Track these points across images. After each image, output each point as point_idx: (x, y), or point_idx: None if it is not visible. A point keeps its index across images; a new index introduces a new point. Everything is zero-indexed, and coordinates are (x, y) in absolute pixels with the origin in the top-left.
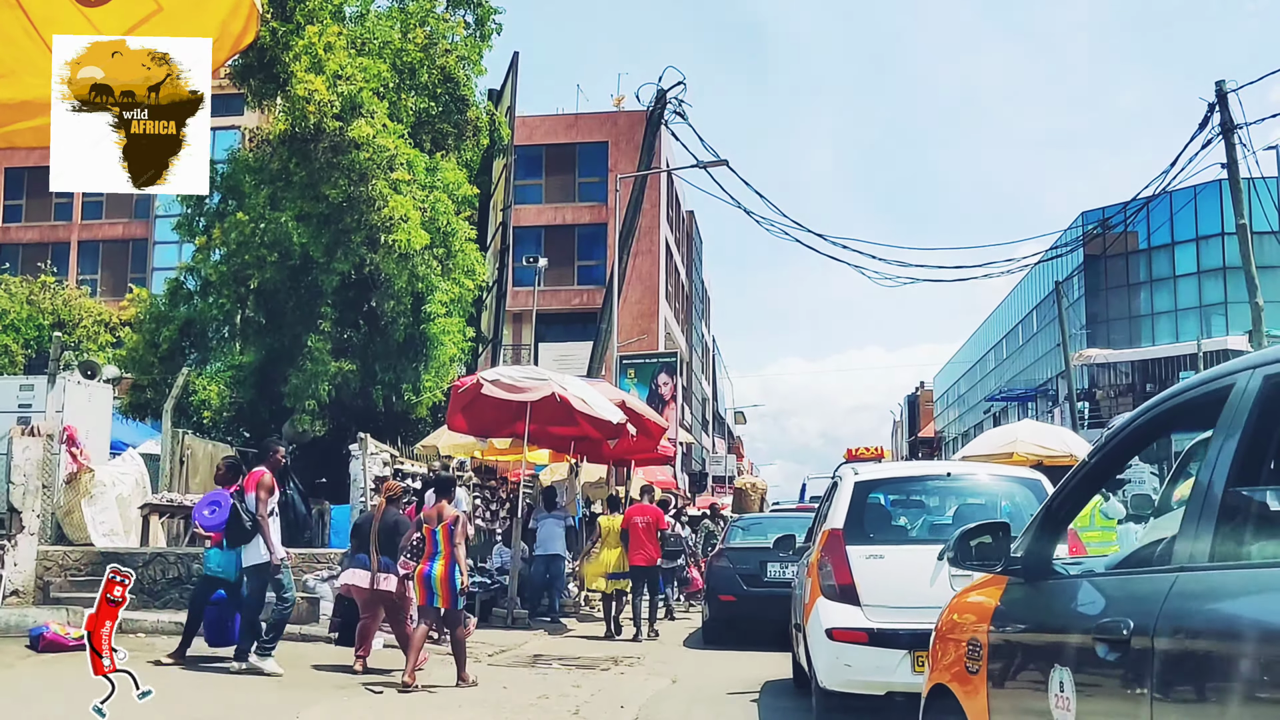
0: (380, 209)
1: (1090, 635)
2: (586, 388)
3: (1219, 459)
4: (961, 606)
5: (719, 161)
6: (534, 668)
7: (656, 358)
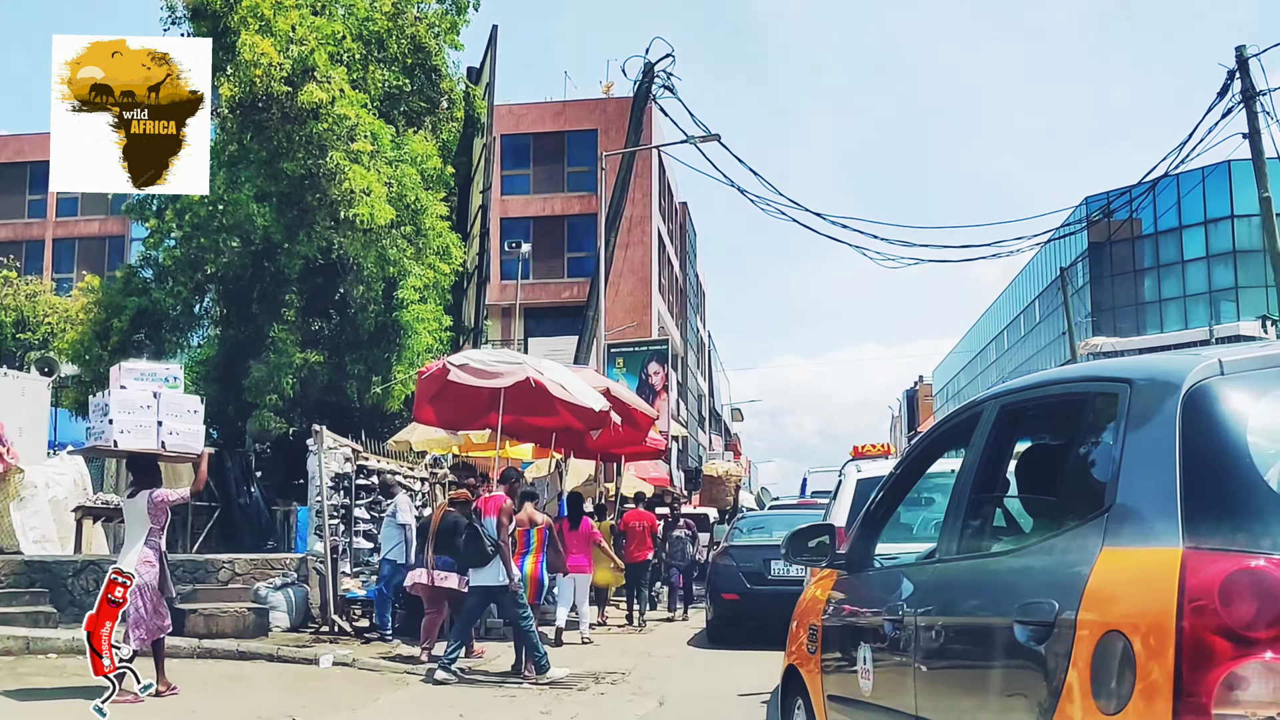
0: (340, 182)
1: (881, 617)
2: (566, 373)
3: (968, 472)
4: (808, 597)
5: (710, 136)
6: (501, 688)
7: (646, 345)
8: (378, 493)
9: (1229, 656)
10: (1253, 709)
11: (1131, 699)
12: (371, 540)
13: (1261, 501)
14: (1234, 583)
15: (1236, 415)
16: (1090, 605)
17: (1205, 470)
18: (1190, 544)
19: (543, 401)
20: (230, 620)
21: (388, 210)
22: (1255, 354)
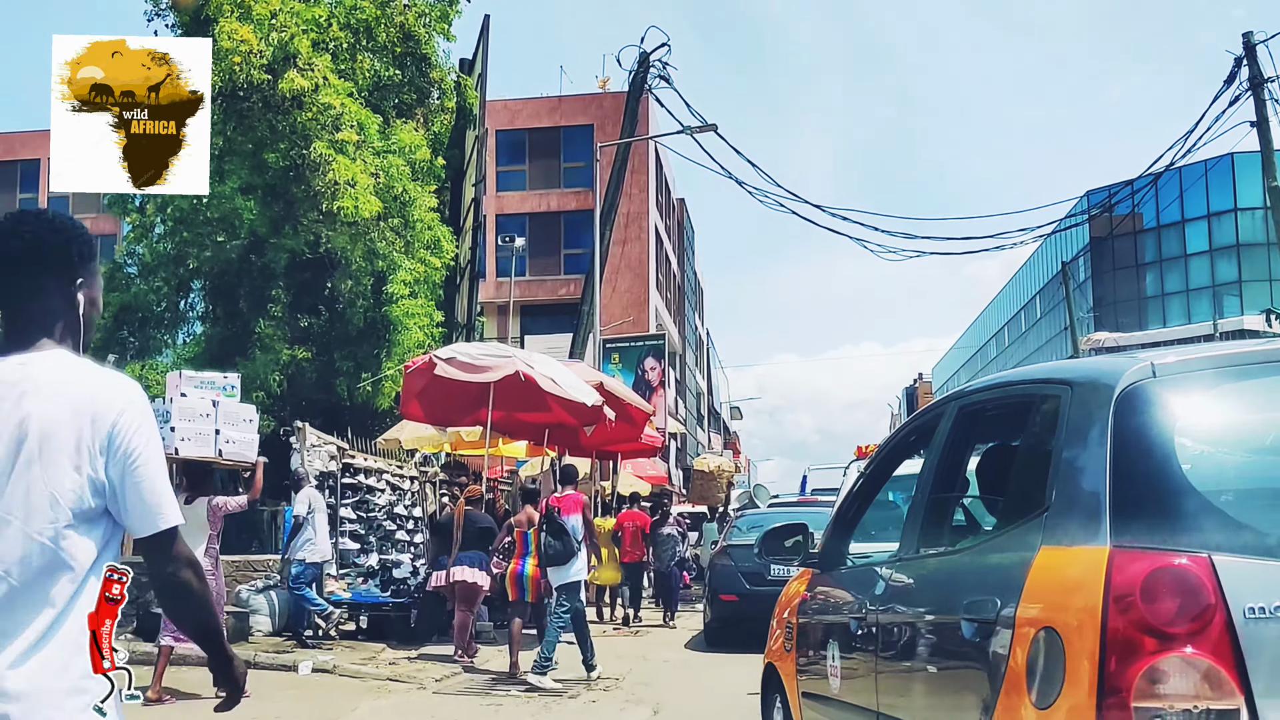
0: (324, 174)
1: (847, 615)
2: (557, 367)
3: (929, 471)
4: (785, 596)
5: (707, 126)
6: (487, 695)
7: (643, 340)
8: (364, 491)
9: (1150, 651)
10: (1171, 701)
11: (1061, 693)
12: (358, 541)
13: (1186, 501)
14: (1156, 580)
15: (1165, 417)
16: (1028, 603)
17: (1133, 470)
18: (1117, 543)
19: (534, 396)
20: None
21: (373, 202)
22: (1188, 356)
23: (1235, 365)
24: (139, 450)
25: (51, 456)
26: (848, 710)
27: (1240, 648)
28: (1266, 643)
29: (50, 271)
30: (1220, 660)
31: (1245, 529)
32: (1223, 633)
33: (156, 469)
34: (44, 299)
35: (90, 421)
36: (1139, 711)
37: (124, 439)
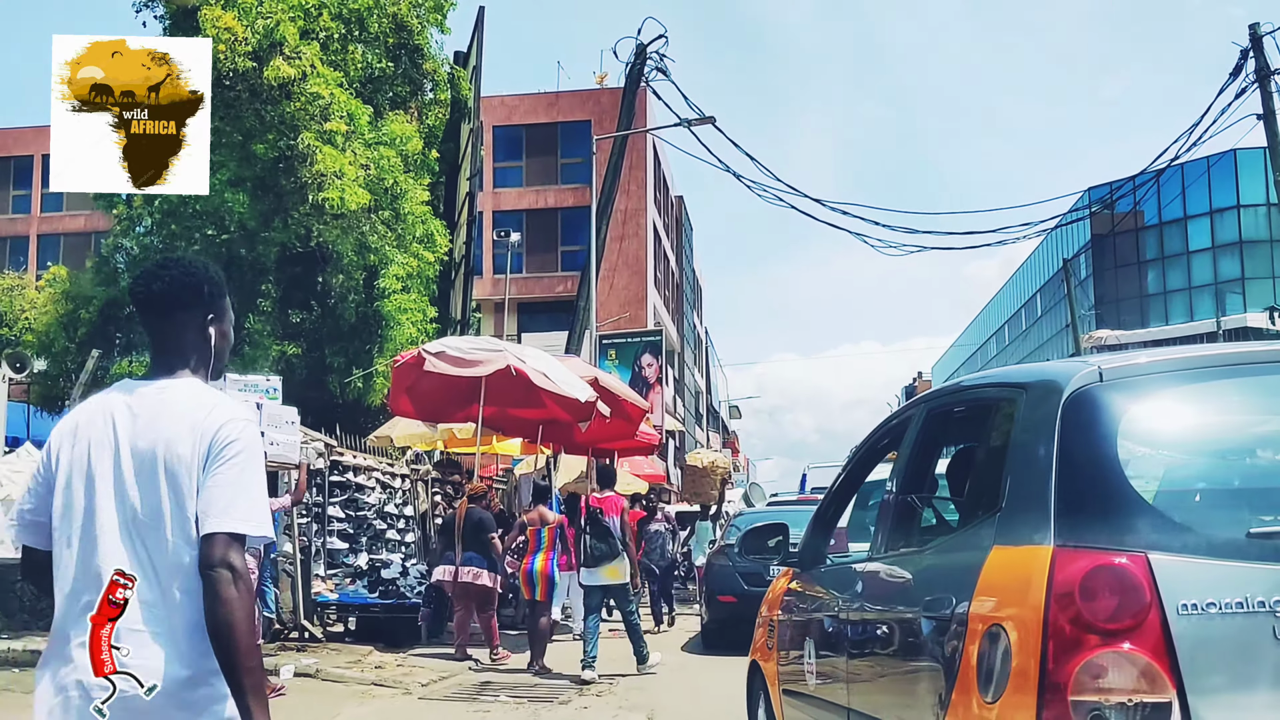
0: (311, 165)
1: (822, 613)
2: (551, 361)
3: (899, 472)
4: (769, 594)
5: (705, 119)
6: (475, 701)
7: (640, 336)
8: (353, 490)
9: (1088, 647)
10: (1107, 695)
11: (1008, 687)
12: (347, 540)
13: (1126, 502)
14: (1095, 579)
15: (1109, 420)
16: (980, 600)
17: (1078, 472)
18: (1060, 542)
19: (526, 392)
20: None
21: (361, 194)
22: (1135, 361)
23: (1180, 370)
24: (224, 460)
25: (177, 470)
26: (823, 707)
27: (1173, 643)
28: (1198, 638)
29: (186, 309)
30: (1154, 656)
31: (1182, 529)
32: (1157, 629)
33: (230, 479)
34: (181, 333)
35: (199, 438)
36: (1076, 705)
37: (217, 452)
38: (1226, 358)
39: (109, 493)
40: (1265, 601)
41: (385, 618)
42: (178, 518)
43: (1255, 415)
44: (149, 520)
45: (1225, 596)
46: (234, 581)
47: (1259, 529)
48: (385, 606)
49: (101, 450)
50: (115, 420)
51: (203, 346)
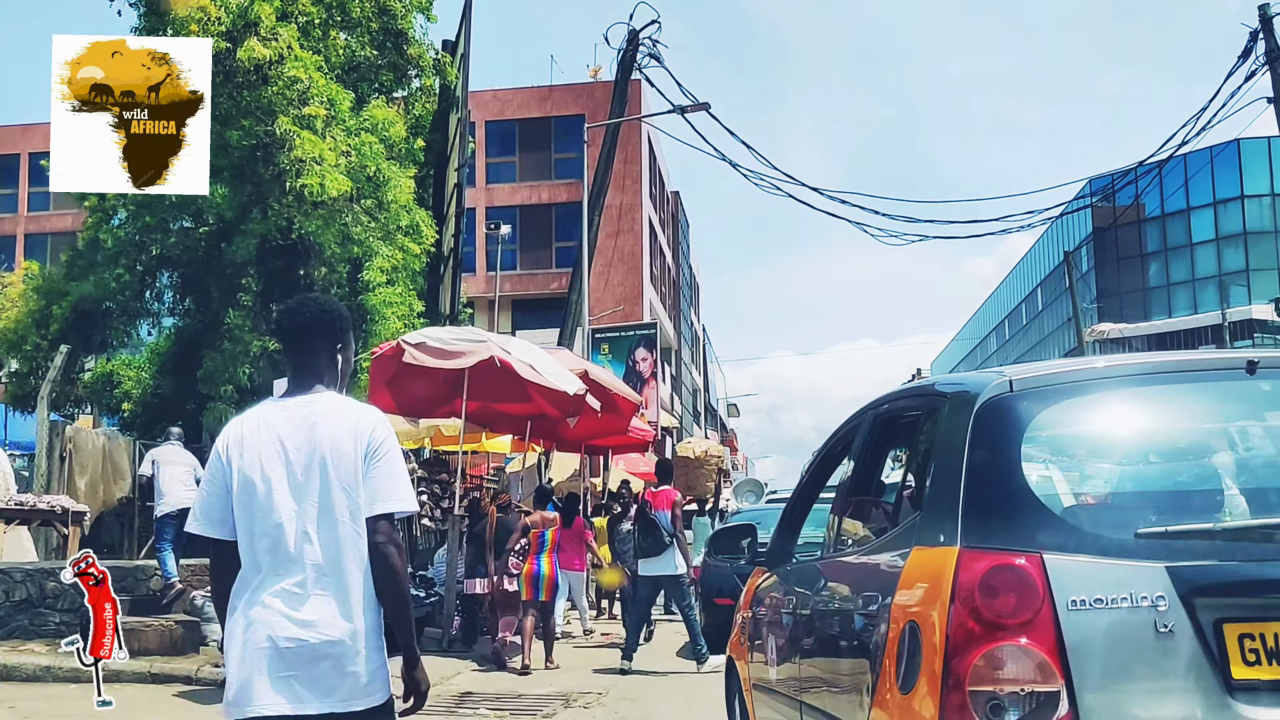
0: (289, 151)
1: (780, 609)
2: (538, 353)
3: (849, 475)
4: (745, 593)
5: (699, 105)
6: (453, 715)
7: (634, 330)
8: None
9: (986, 640)
10: (1002, 685)
11: (917, 679)
12: None
13: (1026, 506)
14: (994, 577)
15: (1015, 429)
16: (900, 597)
17: (984, 477)
18: (965, 543)
19: (512, 385)
20: (155, 636)
21: (341, 181)
22: (1043, 372)
23: (1082, 381)
24: (381, 456)
25: (340, 463)
26: (781, 698)
27: (1063, 637)
28: (1085, 632)
29: (321, 338)
30: (1046, 649)
31: (1076, 531)
32: (1049, 624)
33: (391, 469)
34: (317, 357)
35: (357, 438)
36: (973, 695)
37: (374, 448)
38: (1129, 369)
39: (283, 487)
40: (1148, 597)
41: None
42: (342, 501)
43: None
44: (319, 505)
45: (1112, 593)
46: (399, 552)
47: (1146, 530)
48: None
49: (270, 454)
50: (278, 429)
51: (332, 368)
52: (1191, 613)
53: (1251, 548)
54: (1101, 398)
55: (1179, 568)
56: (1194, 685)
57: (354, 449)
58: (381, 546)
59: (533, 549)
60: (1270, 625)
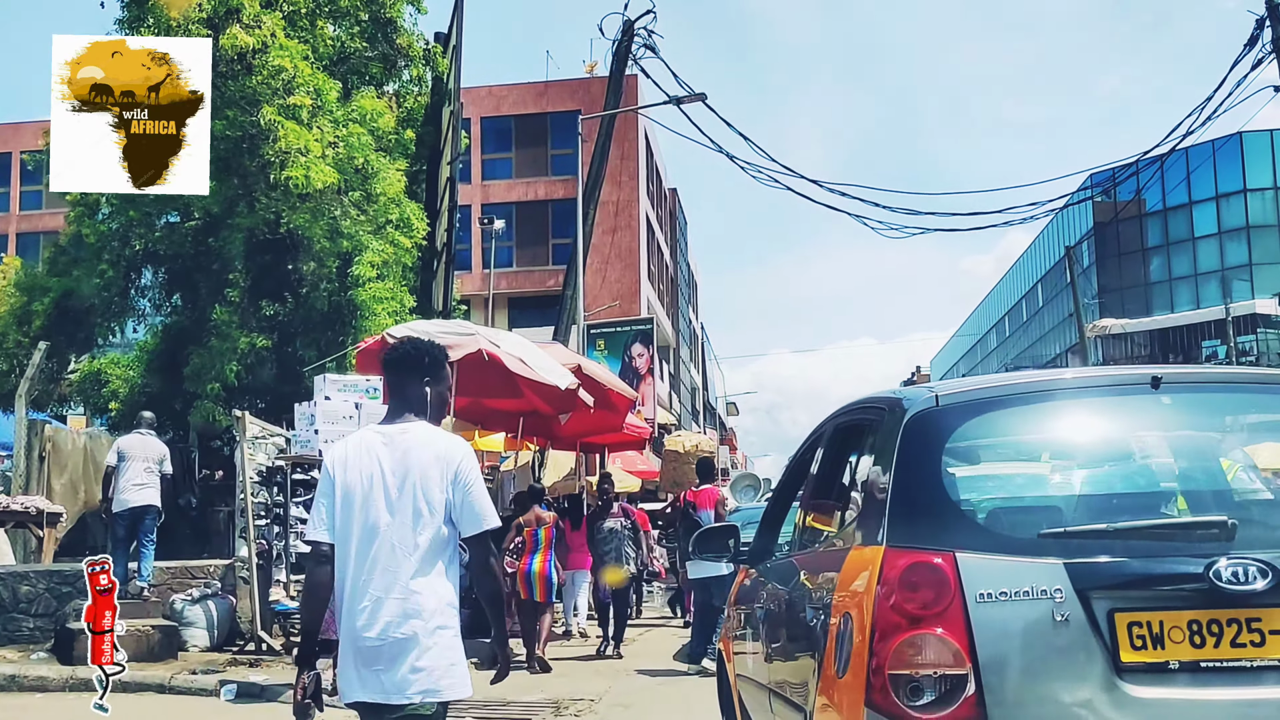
0: (274, 142)
1: (754, 604)
2: (528, 347)
3: (813, 479)
4: (731, 591)
5: (695, 96)
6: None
7: (629, 325)
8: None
9: (904, 629)
10: (917, 669)
11: (849, 664)
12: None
13: (944, 510)
14: (912, 573)
15: (938, 440)
16: (839, 592)
17: (908, 483)
18: (890, 544)
19: (503, 380)
20: (130, 642)
21: (327, 173)
22: (967, 388)
23: (1002, 397)
24: (470, 483)
25: (427, 485)
26: (757, 686)
27: (972, 626)
28: (991, 621)
29: (414, 374)
30: (956, 637)
31: (985, 531)
32: (960, 615)
33: (480, 493)
34: (410, 390)
35: (444, 465)
36: (893, 678)
37: (461, 476)
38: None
39: (380, 503)
40: (1048, 590)
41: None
42: (428, 518)
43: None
44: (410, 520)
45: (1016, 587)
46: (497, 563)
47: (1047, 531)
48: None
49: (371, 474)
50: (377, 453)
51: (423, 400)
52: (1086, 604)
53: (1141, 546)
54: (1018, 412)
55: (1076, 564)
56: (1087, 668)
57: (440, 474)
58: (481, 558)
59: (527, 548)
60: (1156, 614)
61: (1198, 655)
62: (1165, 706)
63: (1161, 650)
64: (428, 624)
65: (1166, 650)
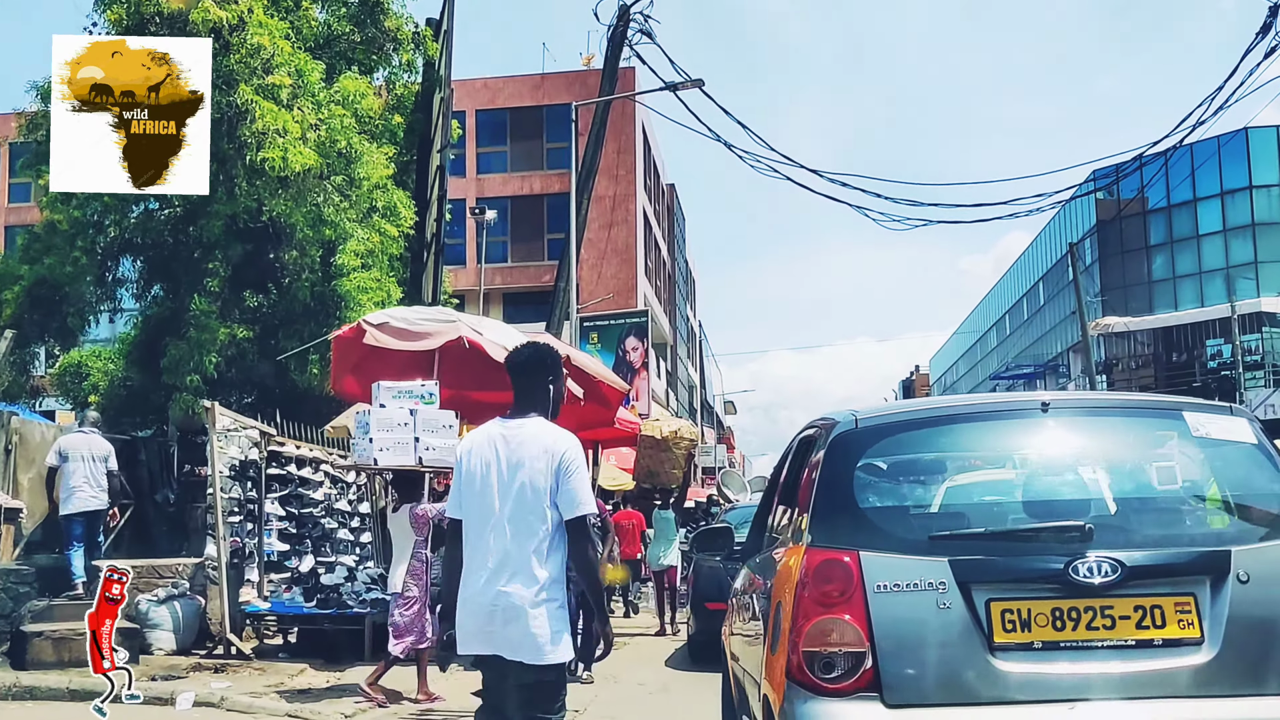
0: (251, 123)
1: (740, 593)
2: (512, 335)
3: (780, 484)
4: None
5: (692, 82)
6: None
7: (624, 318)
8: (295, 485)
9: (817, 614)
10: (825, 647)
11: (779, 644)
12: (288, 541)
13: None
14: (825, 568)
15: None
16: (777, 584)
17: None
18: (811, 543)
19: (487, 370)
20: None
21: (307, 155)
22: (885, 412)
23: (912, 419)
24: (570, 471)
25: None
26: (735, 663)
27: (869, 611)
28: (887, 608)
29: (536, 374)
30: (858, 621)
31: (885, 533)
32: (861, 603)
33: (579, 482)
34: (532, 389)
35: (550, 456)
36: (808, 655)
37: (563, 465)
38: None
39: (497, 489)
40: (934, 583)
41: (330, 630)
42: (536, 504)
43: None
44: (521, 505)
45: (907, 580)
46: (592, 544)
47: (936, 533)
48: (327, 617)
49: (490, 463)
50: (497, 445)
51: (544, 397)
52: (967, 594)
53: (1014, 546)
54: (925, 432)
55: (959, 561)
56: (965, 647)
57: (546, 464)
58: (579, 540)
59: None
60: (1024, 603)
61: (1058, 636)
62: (1028, 678)
63: (1028, 632)
64: (535, 595)
65: (1032, 632)
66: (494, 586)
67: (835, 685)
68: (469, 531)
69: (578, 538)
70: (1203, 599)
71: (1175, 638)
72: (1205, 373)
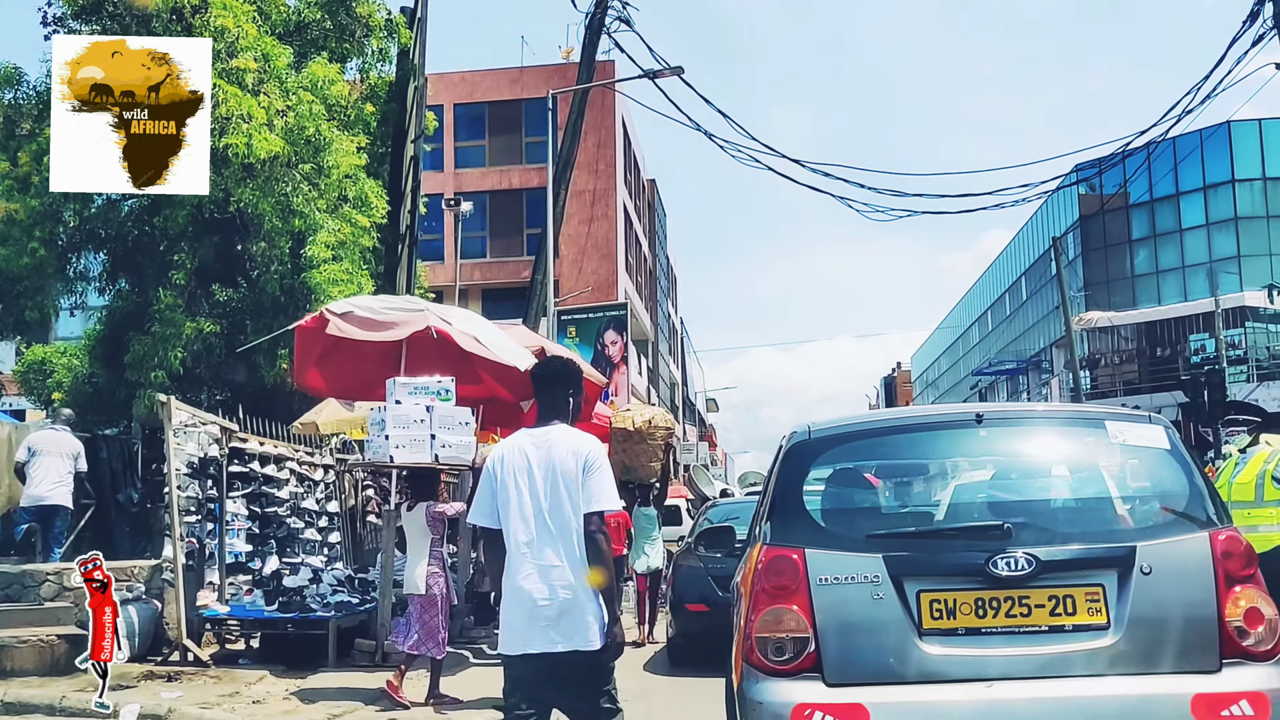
0: (214, 108)
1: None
2: (484, 325)
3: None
4: None
5: (672, 70)
6: None
7: (602, 311)
8: (259, 483)
9: (767, 604)
10: (773, 631)
11: (740, 628)
12: (252, 542)
13: (801, 517)
14: (775, 564)
15: (804, 464)
16: (743, 578)
17: (781, 497)
18: (766, 541)
19: (459, 365)
20: (32, 653)
21: (272, 141)
22: (836, 423)
23: (857, 430)
24: (594, 469)
25: (566, 475)
26: None
27: (813, 601)
28: (828, 599)
29: (559, 386)
30: (803, 610)
31: (828, 533)
32: (805, 593)
33: (600, 479)
34: (556, 399)
35: (578, 458)
36: (759, 639)
37: (589, 464)
38: (891, 422)
39: (529, 493)
40: (869, 576)
41: (295, 635)
42: (568, 504)
43: (899, 459)
44: (554, 507)
45: (846, 574)
46: (606, 539)
47: (872, 533)
48: (290, 621)
49: (522, 469)
50: (527, 452)
51: (565, 407)
52: (899, 586)
53: (942, 544)
54: (871, 442)
55: (891, 556)
56: (897, 633)
57: (575, 465)
58: (593, 535)
59: None
60: (950, 593)
61: (980, 623)
62: (952, 660)
63: (953, 620)
64: (574, 590)
65: (957, 620)
66: (545, 583)
67: (784, 667)
68: (512, 535)
69: (592, 532)
70: (1110, 589)
71: (1084, 623)
72: (1190, 368)
